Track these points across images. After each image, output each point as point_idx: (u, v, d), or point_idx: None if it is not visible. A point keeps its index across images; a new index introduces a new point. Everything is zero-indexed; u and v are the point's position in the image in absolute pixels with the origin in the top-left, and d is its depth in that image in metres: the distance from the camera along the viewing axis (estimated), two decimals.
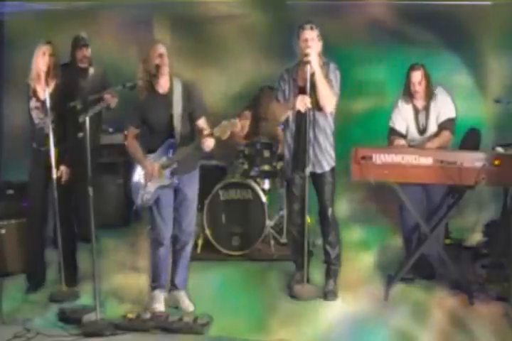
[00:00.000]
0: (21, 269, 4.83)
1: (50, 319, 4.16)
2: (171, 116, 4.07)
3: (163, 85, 4.10)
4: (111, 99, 5.19)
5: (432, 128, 4.65)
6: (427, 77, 4.63)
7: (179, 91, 4.09)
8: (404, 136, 4.68)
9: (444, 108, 4.63)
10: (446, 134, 4.59)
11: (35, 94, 4.50)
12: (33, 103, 4.51)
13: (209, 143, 3.98)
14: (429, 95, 4.65)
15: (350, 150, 4.25)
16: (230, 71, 6.54)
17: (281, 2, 6.51)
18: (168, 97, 4.09)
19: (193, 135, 4.14)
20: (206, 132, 3.99)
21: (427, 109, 4.66)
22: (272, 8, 6.44)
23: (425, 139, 4.64)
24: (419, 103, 4.69)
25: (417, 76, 4.60)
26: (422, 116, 4.67)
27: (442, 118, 4.62)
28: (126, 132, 4.26)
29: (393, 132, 4.71)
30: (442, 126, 4.62)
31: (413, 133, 4.70)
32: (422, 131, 4.69)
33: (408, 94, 4.68)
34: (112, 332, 3.91)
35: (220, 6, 6.52)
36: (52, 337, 3.90)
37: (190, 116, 4.12)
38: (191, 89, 4.14)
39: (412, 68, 4.64)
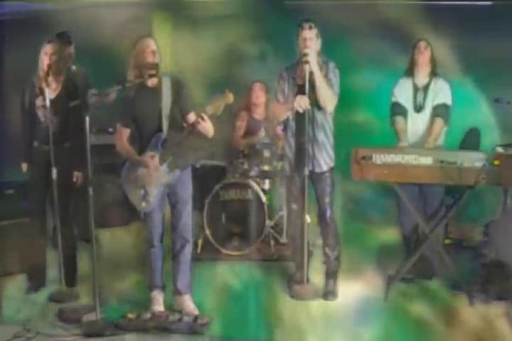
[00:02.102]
0: (21, 269, 4.83)
1: (50, 319, 4.16)
2: (160, 110, 4.01)
3: (152, 79, 4.05)
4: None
5: (428, 108, 4.66)
6: (432, 51, 4.70)
7: (168, 86, 4.03)
8: (406, 112, 4.70)
9: (442, 92, 4.67)
10: (437, 126, 4.61)
11: (41, 92, 4.48)
12: (40, 101, 4.49)
13: (206, 126, 3.90)
14: (434, 70, 4.70)
15: (350, 151, 4.25)
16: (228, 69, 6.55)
17: (280, 2, 6.51)
18: (157, 90, 4.04)
19: (182, 130, 4.07)
20: (198, 116, 3.90)
21: (426, 88, 4.68)
22: (271, 8, 6.44)
23: (422, 119, 4.66)
24: (420, 81, 4.71)
25: (422, 45, 4.69)
26: (420, 95, 4.70)
27: (438, 102, 4.65)
28: (111, 129, 4.17)
29: (396, 107, 4.73)
30: (436, 112, 4.64)
31: (410, 110, 4.72)
32: (418, 109, 4.70)
33: (410, 73, 4.73)
34: (112, 332, 3.92)
35: (220, 6, 6.52)
36: (52, 337, 3.90)
37: (179, 112, 4.06)
38: (180, 83, 4.08)
39: (417, 41, 4.74)
